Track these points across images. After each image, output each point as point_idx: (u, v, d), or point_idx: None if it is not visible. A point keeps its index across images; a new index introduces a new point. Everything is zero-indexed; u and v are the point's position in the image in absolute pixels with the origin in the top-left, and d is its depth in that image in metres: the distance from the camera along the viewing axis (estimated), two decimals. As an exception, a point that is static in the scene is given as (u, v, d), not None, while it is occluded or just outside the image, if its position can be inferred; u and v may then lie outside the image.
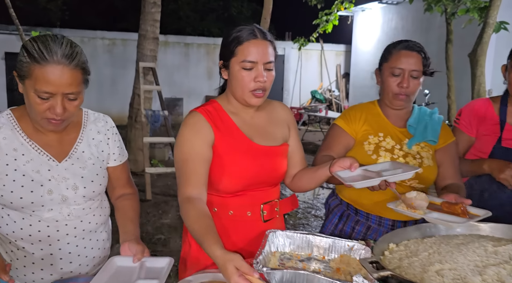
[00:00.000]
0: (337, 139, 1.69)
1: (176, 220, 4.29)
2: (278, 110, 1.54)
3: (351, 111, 1.74)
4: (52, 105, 1.17)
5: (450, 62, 7.05)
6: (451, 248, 1.20)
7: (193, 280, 1.21)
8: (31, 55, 1.15)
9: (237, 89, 1.37)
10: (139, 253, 1.25)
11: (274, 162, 1.45)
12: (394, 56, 1.60)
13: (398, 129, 1.69)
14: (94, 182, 1.35)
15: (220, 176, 1.38)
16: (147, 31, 5.89)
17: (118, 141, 1.46)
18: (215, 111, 1.42)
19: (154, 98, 6.40)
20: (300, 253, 1.33)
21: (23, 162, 1.25)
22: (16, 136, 1.27)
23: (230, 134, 1.40)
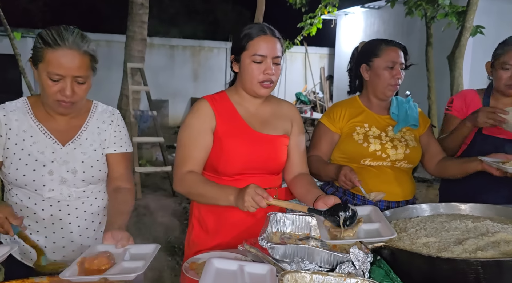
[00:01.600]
0: (323, 137, 1.85)
1: (167, 218, 4.35)
2: (284, 107, 1.66)
3: (334, 108, 1.89)
4: (62, 87, 1.28)
5: (430, 64, 7.30)
6: (436, 225, 1.33)
7: (201, 258, 1.30)
8: (45, 40, 1.27)
9: (246, 81, 1.50)
10: (124, 239, 1.21)
11: (272, 150, 1.55)
12: (387, 51, 1.77)
13: (381, 117, 1.86)
14: (94, 167, 1.43)
15: (218, 158, 1.51)
16: (135, 32, 5.93)
17: (120, 132, 1.51)
18: (221, 99, 1.55)
19: (141, 98, 6.43)
20: (299, 233, 1.43)
21: (30, 143, 1.36)
22: (27, 119, 1.38)
23: (231, 120, 1.53)
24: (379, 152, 1.76)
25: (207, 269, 1.09)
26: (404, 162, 1.79)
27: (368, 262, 1.12)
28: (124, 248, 1.20)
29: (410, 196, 1.81)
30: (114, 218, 1.35)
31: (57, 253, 1.43)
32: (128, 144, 1.53)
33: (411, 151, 1.79)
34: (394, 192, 1.76)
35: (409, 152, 1.78)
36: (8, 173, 1.36)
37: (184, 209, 4.70)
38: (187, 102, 11.85)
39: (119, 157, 1.50)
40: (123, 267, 1.12)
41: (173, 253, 3.52)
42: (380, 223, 1.29)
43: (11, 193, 1.41)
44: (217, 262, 1.13)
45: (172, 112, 11.60)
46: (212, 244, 1.52)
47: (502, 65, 1.80)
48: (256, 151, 1.52)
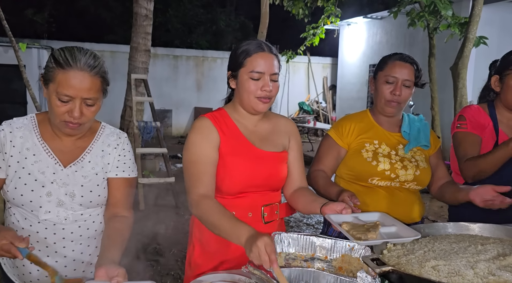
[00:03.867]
0: (330, 151, 1.79)
1: (170, 229, 4.32)
2: (281, 123, 1.64)
3: (343, 122, 1.83)
4: (71, 108, 1.26)
5: (433, 74, 7.30)
6: (444, 246, 1.30)
7: (204, 280, 1.27)
8: (57, 61, 1.26)
9: (244, 97, 1.48)
10: (119, 276, 1.13)
11: (273, 167, 1.54)
12: (390, 66, 1.73)
13: (392, 135, 1.80)
14: (93, 192, 1.39)
15: (223, 177, 1.48)
16: (139, 43, 5.97)
17: (124, 156, 1.45)
18: (222, 117, 1.53)
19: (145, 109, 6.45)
20: (304, 253, 1.41)
21: (31, 162, 1.33)
22: (32, 137, 1.36)
23: (234, 138, 1.51)
24: (388, 171, 1.70)
25: None
26: (413, 184, 1.73)
27: (376, 287, 1.09)
28: None
29: (418, 218, 1.77)
30: (108, 251, 1.27)
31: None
32: (131, 169, 1.47)
33: (421, 172, 1.73)
34: (401, 214, 1.69)
35: (419, 173, 1.72)
36: (7, 191, 1.34)
37: (186, 221, 4.67)
38: (190, 112, 11.88)
39: (120, 182, 1.44)
40: None
41: (176, 267, 3.49)
42: (396, 226, 1.35)
43: (10, 212, 1.39)
44: None
45: (176, 122, 11.64)
46: (214, 264, 1.49)
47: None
48: (259, 168, 1.50)
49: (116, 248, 1.29)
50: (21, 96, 9.69)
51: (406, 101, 1.75)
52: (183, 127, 11.85)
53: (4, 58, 9.29)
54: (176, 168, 7.08)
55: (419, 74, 1.75)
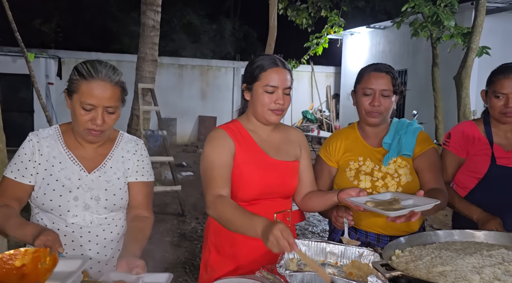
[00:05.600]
0: (322, 172, 1.85)
1: (177, 237, 4.36)
2: (292, 133, 1.73)
3: (331, 141, 1.86)
4: (94, 116, 1.36)
5: (436, 84, 7.36)
6: (451, 253, 1.34)
7: (219, 285, 1.32)
8: (80, 73, 1.36)
9: (258, 108, 1.57)
10: (139, 267, 1.23)
11: (286, 175, 1.62)
12: (365, 78, 1.74)
13: (375, 149, 1.79)
14: (116, 195, 1.48)
15: (238, 185, 1.55)
16: (146, 53, 6.07)
17: (143, 161, 1.55)
18: (236, 128, 1.61)
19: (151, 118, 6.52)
20: (315, 259, 1.46)
21: (58, 169, 1.43)
22: (57, 146, 1.45)
23: (249, 148, 1.58)
24: (370, 190, 1.71)
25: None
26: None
27: (386, 291, 1.13)
28: (138, 277, 1.22)
29: (416, 227, 1.77)
30: (130, 246, 1.38)
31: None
32: (149, 174, 1.57)
33: (403, 188, 1.69)
34: (395, 227, 1.69)
35: (401, 190, 1.68)
36: (36, 197, 1.42)
37: (193, 229, 4.71)
38: (195, 120, 11.97)
39: (140, 185, 1.53)
40: None
41: (184, 275, 3.52)
42: (413, 199, 1.47)
43: (37, 217, 1.46)
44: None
45: (180, 130, 11.71)
46: (230, 269, 1.55)
47: (494, 93, 1.79)
48: (273, 177, 1.58)
49: (137, 244, 1.39)
50: (28, 104, 9.80)
51: (388, 110, 1.73)
52: (187, 135, 11.92)
53: (13, 68, 9.43)
54: (182, 176, 7.14)
55: (396, 82, 1.72)
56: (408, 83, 10.07)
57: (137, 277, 1.22)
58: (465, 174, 1.93)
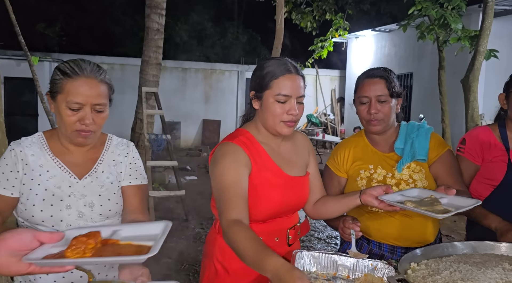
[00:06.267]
0: (331, 182, 1.78)
1: (180, 243, 4.30)
2: (299, 139, 1.62)
3: (338, 150, 1.79)
4: (82, 116, 1.29)
5: (443, 87, 7.27)
6: (470, 266, 1.27)
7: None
8: (63, 72, 1.29)
9: (268, 119, 1.43)
10: (144, 276, 1.15)
11: (301, 191, 1.53)
12: (360, 86, 1.68)
13: (387, 155, 1.71)
14: (111, 200, 1.41)
15: (254, 205, 1.40)
16: (150, 57, 6.04)
17: (135, 164, 1.49)
18: (250, 142, 1.46)
19: (155, 121, 6.48)
20: (326, 272, 1.39)
21: (46, 178, 1.34)
22: (43, 154, 1.37)
23: (265, 166, 1.45)
24: None
25: None
26: None
27: (404, 309, 1.06)
28: None
29: (432, 238, 1.69)
30: None
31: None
32: (143, 176, 1.51)
33: None
34: (410, 238, 1.65)
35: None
36: (24, 210, 1.32)
37: (197, 234, 4.65)
38: (198, 124, 11.93)
39: (135, 189, 1.47)
40: None
41: (187, 281, 3.46)
42: (447, 197, 1.42)
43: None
44: None
45: (184, 134, 11.68)
46: None
47: None
48: (290, 195, 1.48)
49: None
50: (32, 108, 9.81)
51: (388, 116, 1.65)
52: (191, 139, 11.88)
53: (17, 72, 9.44)
54: (185, 180, 7.08)
55: (392, 85, 1.64)
56: (413, 87, 9.99)
57: None
58: (480, 182, 1.85)
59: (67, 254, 0.85)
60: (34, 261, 0.84)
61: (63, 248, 0.89)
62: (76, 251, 0.86)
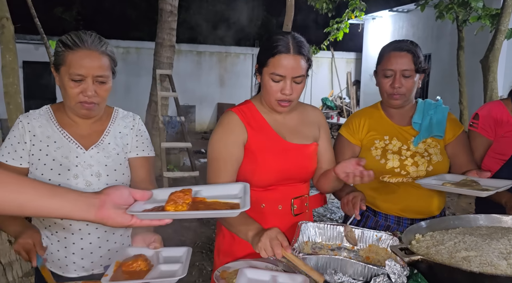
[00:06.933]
0: (344, 150, 1.76)
1: (194, 223, 4.38)
2: (309, 112, 1.62)
3: (353, 119, 1.79)
4: (84, 88, 1.32)
5: (461, 68, 7.10)
6: (476, 238, 1.27)
7: (232, 266, 1.29)
8: (65, 44, 1.31)
9: (265, 96, 1.48)
10: (156, 242, 1.20)
11: (304, 159, 1.53)
12: (385, 58, 1.66)
13: (403, 128, 1.72)
14: (117, 171, 1.44)
15: (253, 171, 1.47)
16: (164, 39, 6.04)
17: (141, 136, 1.51)
18: (249, 111, 1.51)
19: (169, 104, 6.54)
20: (331, 243, 1.41)
21: (54, 148, 1.38)
22: (50, 125, 1.41)
23: (263, 132, 1.49)
24: (398, 169, 1.65)
25: (239, 279, 1.08)
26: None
27: (404, 275, 1.08)
28: (156, 251, 1.19)
29: (436, 211, 1.71)
30: None
31: (77, 264, 1.41)
32: (150, 149, 1.53)
33: (434, 167, 1.64)
34: (415, 209, 1.66)
35: (431, 169, 1.63)
36: None
37: (210, 214, 4.72)
38: (213, 107, 11.97)
39: (142, 161, 1.49)
40: (163, 271, 1.10)
41: (201, 259, 3.54)
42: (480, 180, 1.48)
43: None
44: (249, 273, 1.12)
45: (199, 117, 11.76)
46: (243, 254, 1.50)
47: None
48: (289, 162, 1.49)
49: None
50: (50, 92, 9.99)
51: (410, 91, 1.66)
52: (206, 123, 11.96)
53: (35, 56, 9.61)
54: (200, 163, 7.16)
55: (418, 60, 1.63)
56: (431, 68, 9.77)
57: (156, 252, 1.18)
58: (491, 156, 1.84)
59: (167, 208, 0.89)
60: (137, 214, 0.88)
61: (152, 206, 0.93)
62: (175, 206, 0.89)
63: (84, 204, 0.85)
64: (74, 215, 0.85)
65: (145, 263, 1.11)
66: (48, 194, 0.83)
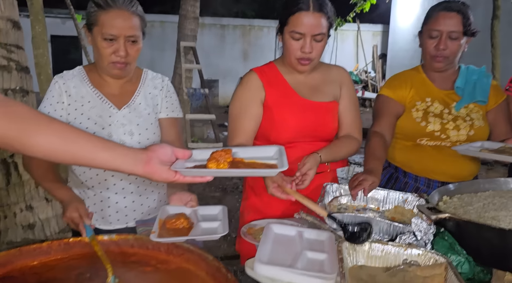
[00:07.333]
0: (386, 110, 1.70)
1: (218, 192, 4.47)
2: (333, 72, 1.61)
3: (395, 79, 1.75)
4: (116, 48, 1.35)
5: (496, 39, 6.80)
6: (506, 200, 1.25)
7: (258, 224, 1.32)
8: (97, 4, 1.34)
9: (286, 55, 1.48)
10: (192, 200, 1.26)
11: (321, 117, 1.53)
12: (433, 18, 1.60)
13: (445, 92, 1.69)
14: (148, 130, 1.48)
15: (270, 128, 1.51)
16: (187, 10, 6.02)
17: (171, 97, 1.55)
18: (270, 70, 1.55)
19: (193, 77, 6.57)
20: (356, 204, 1.41)
21: (88, 108, 1.43)
22: (84, 85, 1.45)
23: (280, 90, 1.52)
24: (438, 132, 1.62)
25: (266, 234, 1.10)
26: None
27: (431, 233, 1.08)
28: (193, 209, 1.23)
29: (469, 177, 1.69)
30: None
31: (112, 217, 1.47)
32: (179, 110, 1.56)
33: (475, 132, 1.62)
34: (450, 173, 1.65)
35: (473, 133, 1.61)
36: None
37: (234, 184, 4.80)
38: (236, 82, 11.90)
39: (171, 121, 1.53)
40: (204, 228, 1.14)
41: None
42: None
43: None
44: (275, 228, 1.14)
45: (222, 91, 11.76)
46: (266, 214, 1.53)
47: None
48: (306, 118, 1.50)
49: None
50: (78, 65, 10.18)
51: (455, 54, 1.61)
52: (229, 97, 11.81)
53: (62, 30, 9.76)
54: (223, 135, 7.22)
55: (468, 22, 1.57)
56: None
57: (193, 210, 1.23)
58: None
59: (209, 165, 0.92)
60: (181, 170, 0.91)
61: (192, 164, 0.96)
62: (217, 163, 0.92)
63: (132, 159, 0.88)
64: (123, 168, 0.88)
65: (187, 221, 1.16)
66: (101, 147, 0.86)
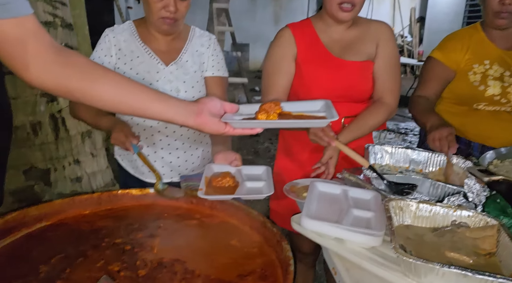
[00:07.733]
0: (433, 74, 1.62)
1: (250, 156, 4.51)
2: (372, 29, 1.51)
3: (449, 40, 1.65)
4: (166, 3, 1.35)
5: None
6: (562, 165, 1.20)
7: (301, 183, 1.32)
8: None
9: (327, 5, 1.43)
10: (237, 160, 1.27)
11: (353, 77, 1.47)
12: None
13: (506, 53, 1.59)
14: (195, 88, 1.48)
15: (299, 85, 1.50)
16: (220, -29, 5.87)
17: (217, 56, 1.54)
18: (304, 26, 1.52)
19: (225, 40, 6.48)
20: (398, 166, 1.39)
21: (137, 63, 1.44)
22: (133, 40, 1.46)
23: (311, 47, 1.48)
24: (498, 96, 1.53)
25: (311, 191, 1.10)
26: None
27: (484, 195, 1.05)
28: (238, 169, 1.25)
29: None
30: (220, 140, 1.39)
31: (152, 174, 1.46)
32: (224, 69, 1.56)
33: None
34: (504, 139, 1.56)
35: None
36: None
37: (266, 148, 4.82)
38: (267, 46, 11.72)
39: (217, 80, 1.53)
40: (249, 188, 1.15)
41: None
42: None
43: (118, 114, 1.49)
44: (320, 186, 1.14)
45: (253, 56, 11.60)
46: (299, 175, 1.50)
47: None
48: (337, 78, 1.46)
49: (227, 138, 1.42)
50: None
51: None
52: (260, 62, 11.80)
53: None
54: (254, 100, 7.19)
55: None
56: None
57: (237, 169, 1.24)
58: None
59: (259, 117, 0.93)
60: (232, 121, 0.92)
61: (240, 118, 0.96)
62: (267, 115, 0.93)
63: (184, 110, 0.90)
64: (176, 119, 0.90)
65: (233, 179, 1.17)
66: (155, 98, 0.88)
